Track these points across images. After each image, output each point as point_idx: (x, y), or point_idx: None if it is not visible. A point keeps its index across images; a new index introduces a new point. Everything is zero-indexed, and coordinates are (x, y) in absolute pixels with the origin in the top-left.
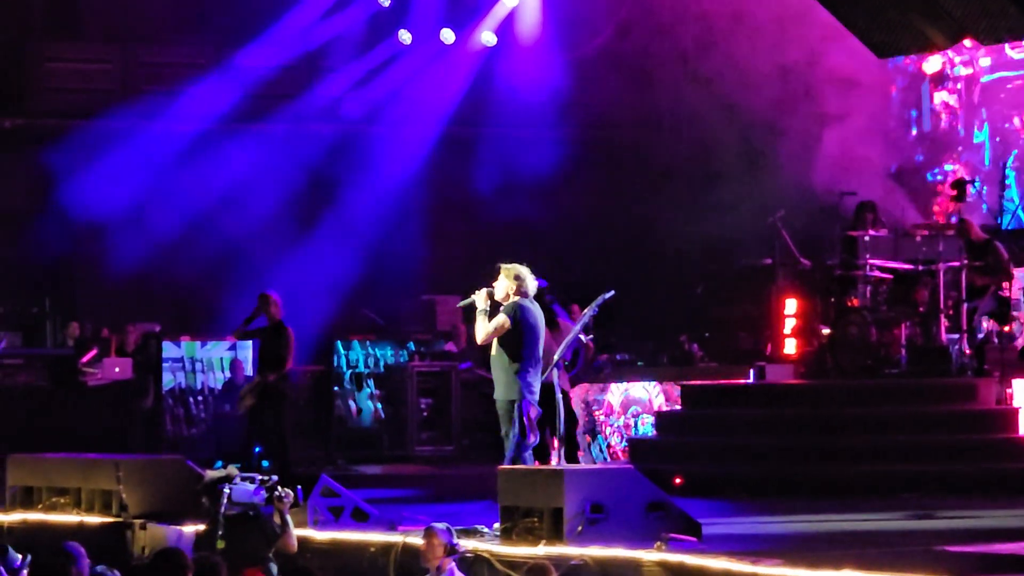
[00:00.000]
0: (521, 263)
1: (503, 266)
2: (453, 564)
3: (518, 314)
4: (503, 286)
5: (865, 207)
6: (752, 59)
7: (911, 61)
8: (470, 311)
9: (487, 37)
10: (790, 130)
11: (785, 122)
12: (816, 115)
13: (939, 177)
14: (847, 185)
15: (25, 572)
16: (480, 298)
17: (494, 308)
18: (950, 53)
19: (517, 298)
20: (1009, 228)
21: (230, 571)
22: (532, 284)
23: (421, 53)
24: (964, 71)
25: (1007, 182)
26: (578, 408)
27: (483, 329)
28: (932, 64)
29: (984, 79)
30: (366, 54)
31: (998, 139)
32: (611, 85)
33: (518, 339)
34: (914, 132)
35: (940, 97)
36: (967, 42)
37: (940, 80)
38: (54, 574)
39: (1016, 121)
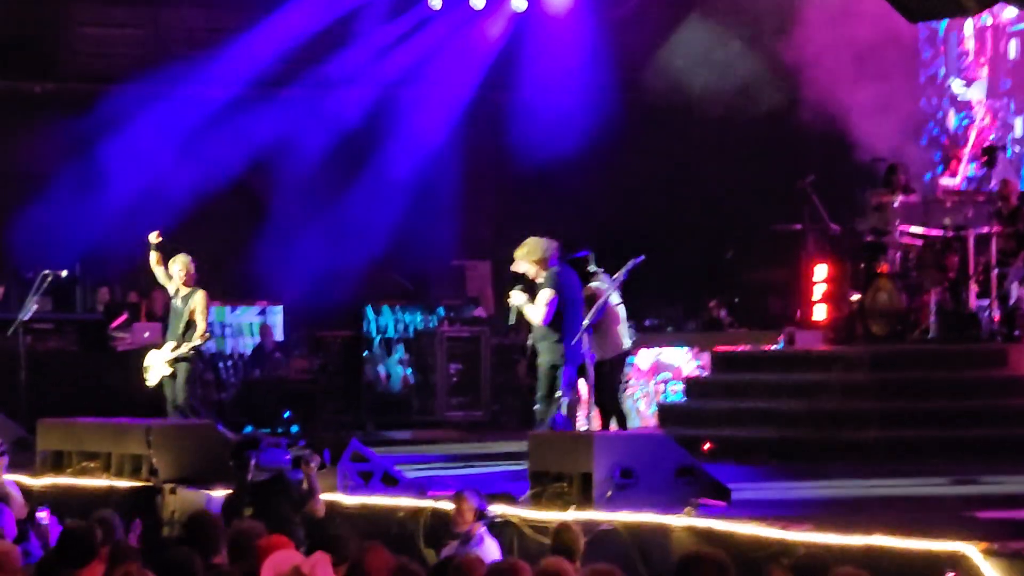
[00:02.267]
0: (540, 238)
1: (515, 253)
2: (484, 529)
3: (556, 281)
4: (526, 268)
5: (895, 170)
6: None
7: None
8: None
9: (517, 2)
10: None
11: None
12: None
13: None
14: (878, 149)
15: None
16: (517, 298)
17: (532, 290)
18: None
19: (552, 268)
20: None
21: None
22: (548, 248)
23: (451, 18)
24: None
25: None
26: None
27: (536, 312)
28: None
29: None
30: (396, 18)
31: None
32: (646, 46)
33: (559, 306)
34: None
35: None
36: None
37: None
38: (83, 542)
39: None
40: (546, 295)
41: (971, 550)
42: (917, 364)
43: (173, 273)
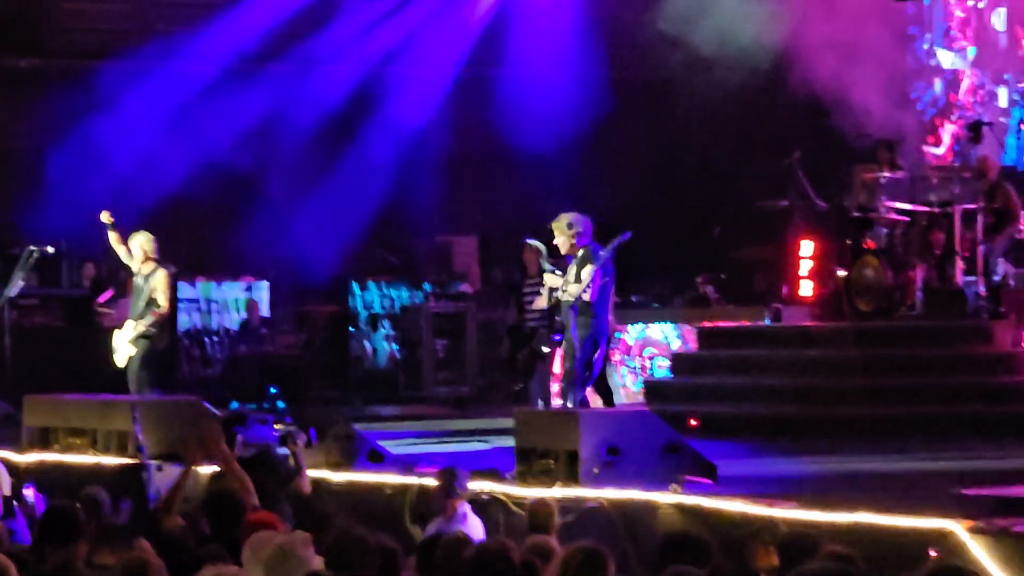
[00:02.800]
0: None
1: (554, 226)
2: (467, 507)
3: (599, 257)
4: (562, 241)
5: (882, 146)
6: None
7: None
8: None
9: None
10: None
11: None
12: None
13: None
14: (863, 125)
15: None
16: (552, 280)
17: (562, 267)
18: None
19: (588, 245)
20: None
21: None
22: (586, 223)
23: None
24: None
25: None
26: None
27: (582, 289)
28: None
29: None
30: None
31: None
32: (633, 22)
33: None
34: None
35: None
36: None
37: None
38: (67, 521)
39: None
40: (590, 271)
41: (957, 527)
42: (903, 341)
43: (132, 251)
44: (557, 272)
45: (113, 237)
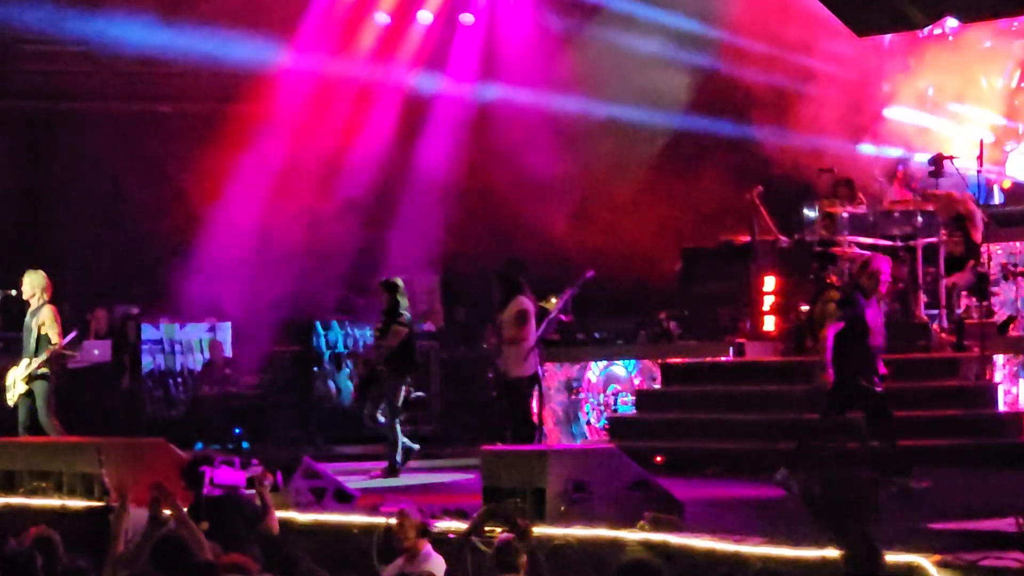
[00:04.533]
0: None
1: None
2: (428, 546)
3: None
4: None
5: (841, 183)
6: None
7: None
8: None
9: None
10: (771, 103)
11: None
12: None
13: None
14: (823, 162)
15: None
16: None
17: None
18: None
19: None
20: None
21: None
22: None
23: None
24: None
25: None
26: (559, 387)
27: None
28: None
29: None
30: None
31: None
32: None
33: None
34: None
35: None
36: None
37: None
38: (24, 567)
39: None
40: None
41: (924, 561)
42: None
43: (24, 288)
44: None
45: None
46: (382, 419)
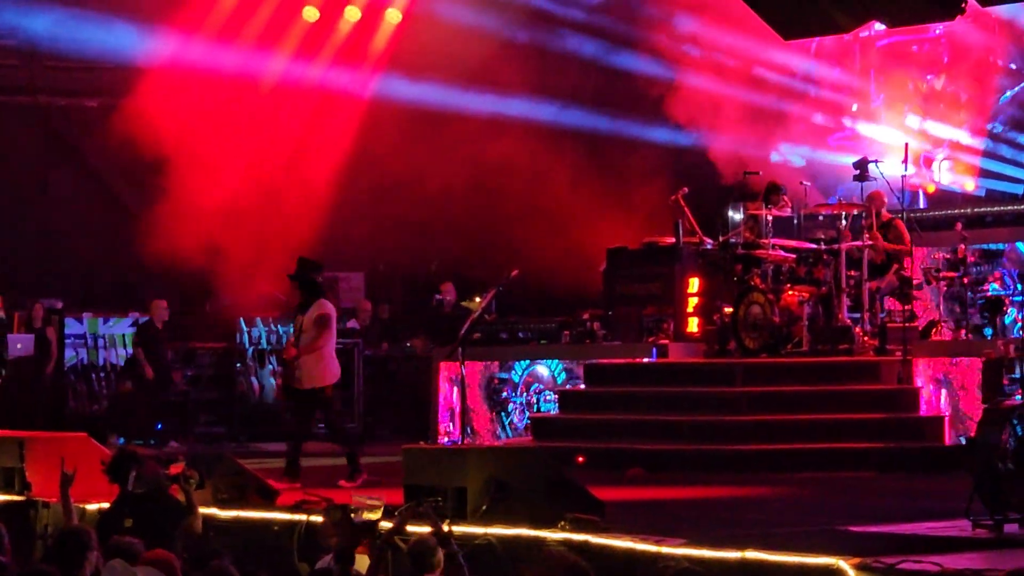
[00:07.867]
0: None
1: None
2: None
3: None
4: None
5: (772, 189)
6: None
7: None
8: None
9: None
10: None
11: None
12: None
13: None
14: (749, 165)
15: None
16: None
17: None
18: None
19: None
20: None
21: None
22: None
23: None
24: None
25: None
26: (483, 385)
27: None
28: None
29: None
30: None
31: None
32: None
33: None
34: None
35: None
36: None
37: None
38: None
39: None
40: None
41: (844, 564)
42: (789, 377)
43: None
44: None
45: None
46: None
